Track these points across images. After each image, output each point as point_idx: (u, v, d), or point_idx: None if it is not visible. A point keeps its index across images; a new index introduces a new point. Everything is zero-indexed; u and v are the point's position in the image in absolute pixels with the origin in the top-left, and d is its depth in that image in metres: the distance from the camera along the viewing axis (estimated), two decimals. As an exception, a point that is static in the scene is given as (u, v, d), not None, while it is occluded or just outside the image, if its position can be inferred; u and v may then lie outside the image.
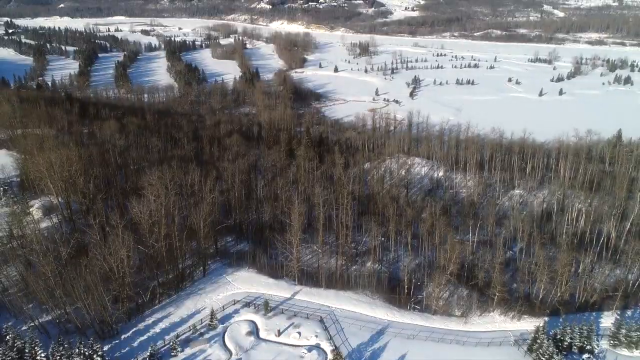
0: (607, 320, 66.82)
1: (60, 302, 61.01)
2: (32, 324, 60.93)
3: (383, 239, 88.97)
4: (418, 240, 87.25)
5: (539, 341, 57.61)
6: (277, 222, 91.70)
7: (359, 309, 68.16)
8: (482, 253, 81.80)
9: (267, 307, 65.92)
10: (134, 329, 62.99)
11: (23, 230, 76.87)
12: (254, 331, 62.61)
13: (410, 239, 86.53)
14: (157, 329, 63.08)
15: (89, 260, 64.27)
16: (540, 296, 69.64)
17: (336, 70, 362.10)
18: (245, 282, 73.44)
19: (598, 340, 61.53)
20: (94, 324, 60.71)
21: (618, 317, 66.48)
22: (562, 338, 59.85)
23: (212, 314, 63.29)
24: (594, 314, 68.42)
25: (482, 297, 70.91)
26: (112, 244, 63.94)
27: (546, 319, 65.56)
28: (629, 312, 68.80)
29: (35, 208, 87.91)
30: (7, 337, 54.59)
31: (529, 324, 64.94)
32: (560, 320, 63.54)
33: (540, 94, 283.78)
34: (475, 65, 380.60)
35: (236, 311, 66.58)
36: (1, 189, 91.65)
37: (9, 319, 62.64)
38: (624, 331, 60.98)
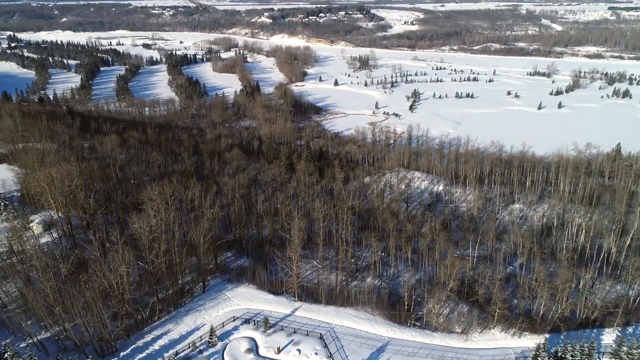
0: (609, 337, 66.52)
1: (60, 319, 60.73)
2: (30, 341, 60.65)
3: (383, 254, 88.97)
4: (418, 256, 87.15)
5: (540, 359, 57.23)
6: (277, 237, 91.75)
7: (359, 326, 67.85)
8: (482, 268, 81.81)
9: (266, 324, 65.66)
10: (133, 346, 62.66)
11: (23, 246, 76.77)
12: (254, 348, 62.27)
13: (410, 254, 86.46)
14: (156, 346, 62.74)
15: (89, 277, 64.28)
16: (541, 312, 69.41)
17: (336, 83, 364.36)
18: (244, 298, 73.20)
19: (599, 358, 61.06)
20: (92, 341, 60.34)
21: (619, 334, 66.22)
22: (563, 356, 59.32)
23: (212, 331, 63.01)
24: (595, 330, 68.09)
25: (483, 314, 70.57)
26: (112, 260, 63.94)
27: (547, 335, 65.38)
28: (630, 329, 68.45)
29: (36, 223, 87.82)
30: (6, 354, 54.20)
31: (529, 341, 64.63)
32: (561, 337, 63.30)
33: (540, 107, 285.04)
34: (475, 79, 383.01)
35: (236, 328, 66.28)
36: (2, 204, 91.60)
37: (7, 336, 62.31)
38: (625, 348, 60.41)
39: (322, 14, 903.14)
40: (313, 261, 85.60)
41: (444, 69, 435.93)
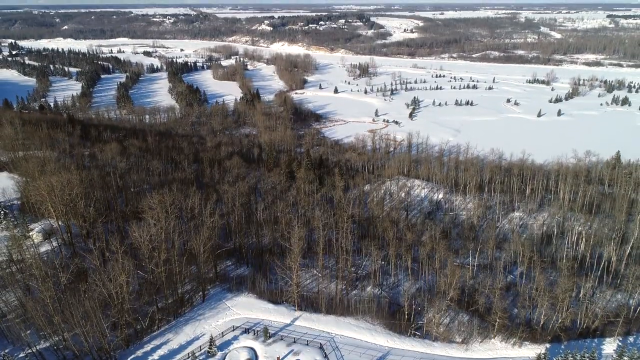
0: (609, 346, 66.23)
1: (59, 329, 60.50)
2: (29, 351, 60.32)
3: (383, 262, 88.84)
4: (418, 265, 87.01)
5: (540, 369, 57.06)
6: (276, 246, 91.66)
7: (360, 336, 67.60)
8: (482, 277, 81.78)
9: (266, 334, 65.44)
10: (132, 356, 62.35)
11: (22, 255, 76.72)
12: (254, 358, 62.00)
13: (410, 263, 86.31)
14: (155, 356, 62.43)
15: (88, 286, 64.22)
16: (542, 322, 69.19)
17: (336, 91, 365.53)
18: (244, 308, 72.99)
19: (600, 368, 60.92)
20: (92, 351, 60.16)
21: (620, 343, 65.99)
22: (564, 366, 59.21)
23: (211, 341, 62.77)
24: (595, 340, 67.72)
25: (483, 323, 70.34)
26: (111, 270, 63.85)
27: (547, 345, 65.11)
28: (631, 339, 68.15)
29: (35, 232, 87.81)
30: (5, 365, 54.17)
31: (530, 351, 64.36)
32: (562, 347, 63.06)
33: (539, 115, 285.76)
34: (474, 86, 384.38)
35: (235, 338, 66.04)
36: (2, 212, 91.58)
37: (6, 346, 62.16)
38: (626, 358, 60.24)
39: (322, 22, 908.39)
40: (313, 270, 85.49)
41: (444, 76, 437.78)
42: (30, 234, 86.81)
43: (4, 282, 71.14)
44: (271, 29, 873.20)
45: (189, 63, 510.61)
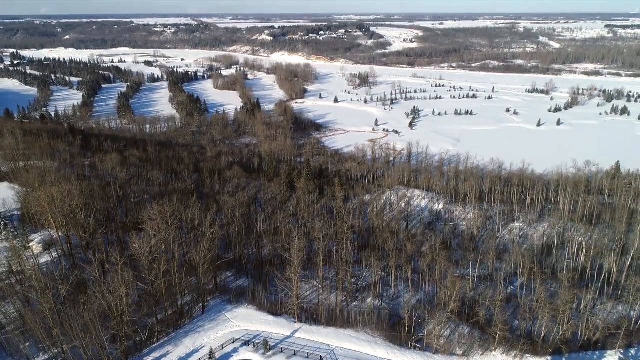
0: (611, 359, 65.90)
1: (58, 341, 60.27)
2: (28, 363, 60.21)
3: (383, 273, 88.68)
4: (418, 276, 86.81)
5: (542, 382, 56.71)
6: (276, 257, 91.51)
7: (360, 348, 67.26)
8: (483, 289, 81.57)
9: (266, 346, 65.15)
10: (132, 369, 62.17)
11: (22, 266, 76.58)
12: (253, 371, 61.74)
13: (410, 274, 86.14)
14: (154, 369, 62.22)
15: (88, 298, 64.00)
16: (543, 334, 68.88)
17: (336, 100, 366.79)
18: (244, 320, 72.70)
19: (602, 381, 60.59)
20: (91, 364, 59.91)
21: (622, 356, 65.68)
22: (565, 379, 58.90)
23: (211, 353, 62.45)
24: (597, 353, 67.47)
25: (484, 335, 69.98)
26: (111, 282, 63.70)
27: (549, 358, 64.83)
28: (632, 351, 67.82)
29: (35, 243, 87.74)
30: (3, 378, 53.88)
31: (531, 364, 64.09)
32: (563, 359, 62.65)
33: (539, 125, 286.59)
34: (474, 96, 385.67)
35: (235, 350, 65.73)
36: (2, 223, 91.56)
37: (5, 359, 61.84)
38: (628, 371, 60.14)
39: (322, 32, 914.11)
40: (313, 281, 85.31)
41: (443, 86, 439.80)
42: (30, 244, 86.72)
43: (4, 294, 70.96)
44: (271, 38, 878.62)
45: (189, 73, 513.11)
